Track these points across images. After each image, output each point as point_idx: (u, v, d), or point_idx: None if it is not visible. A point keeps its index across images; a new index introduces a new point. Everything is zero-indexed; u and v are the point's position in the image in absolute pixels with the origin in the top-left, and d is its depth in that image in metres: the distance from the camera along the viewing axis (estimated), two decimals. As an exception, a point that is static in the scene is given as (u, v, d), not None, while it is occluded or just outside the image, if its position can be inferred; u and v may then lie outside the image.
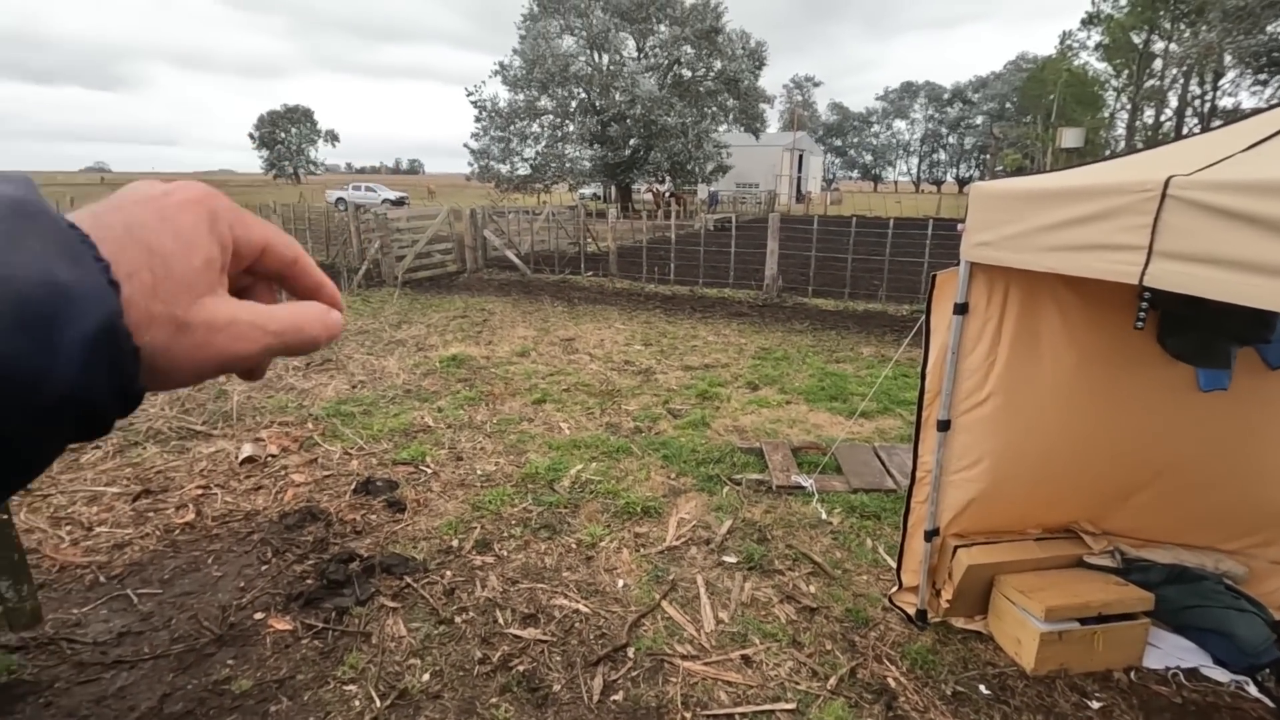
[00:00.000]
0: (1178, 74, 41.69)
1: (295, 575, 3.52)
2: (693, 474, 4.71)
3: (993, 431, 2.99)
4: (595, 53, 33.47)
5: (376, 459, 4.92)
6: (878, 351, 8.21)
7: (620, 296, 11.90)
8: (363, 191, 38.87)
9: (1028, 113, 54.77)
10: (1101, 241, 2.07)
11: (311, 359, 7.39)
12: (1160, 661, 2.95)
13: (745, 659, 2.96)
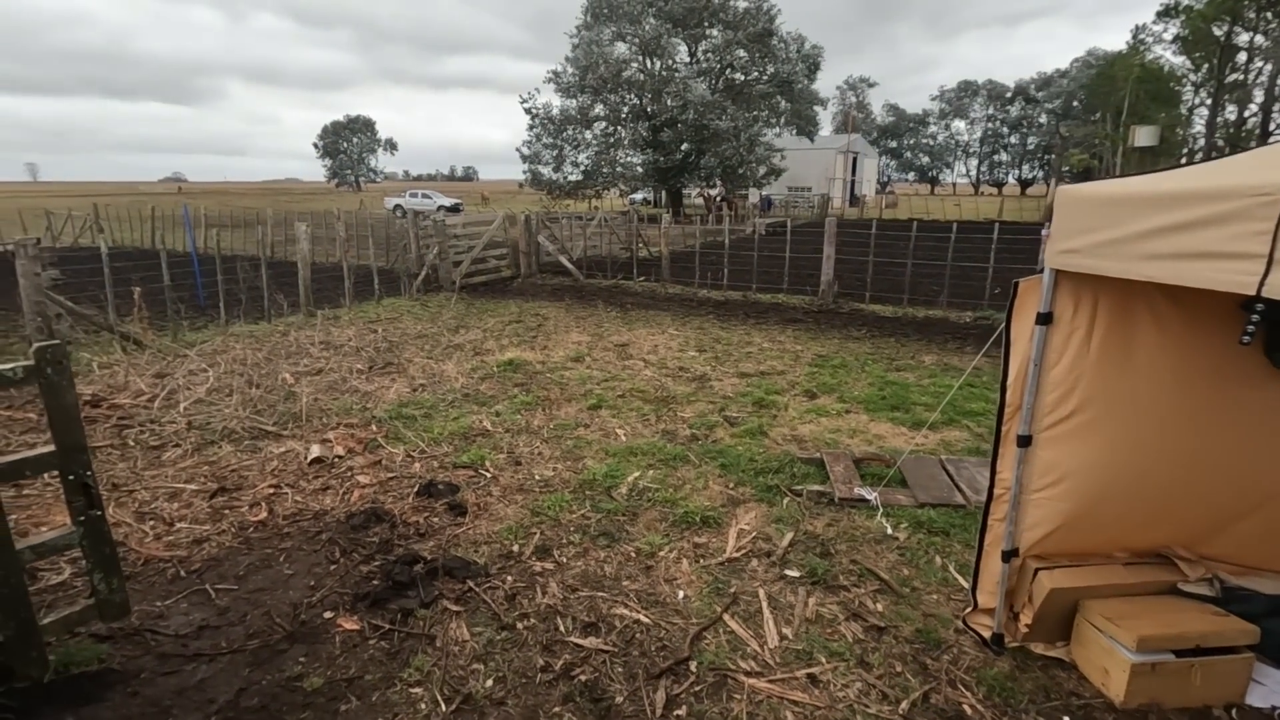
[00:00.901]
0: (1264, 67, 39.25)
1: (362, 575, 3.59)
2: (751, 484, 4.63)
3: (1078, 449, 2.83)
4: (647, 59, 33.60)
5: (438, 462, 5.01)
6: (940, 360, 7.95)
7: (673, 301, 11.87)
8: (419, 198, 39.96)
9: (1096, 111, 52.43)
10: (1211, 249, 1.94)
11: (374, 362, 7.60)
12: (1266, 700, 2.73)
13: (811, 678, 2.87)
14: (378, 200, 42.17)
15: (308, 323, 9.58)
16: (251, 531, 4.04)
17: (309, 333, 8.89)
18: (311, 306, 10.23)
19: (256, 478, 4.71)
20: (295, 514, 4.24)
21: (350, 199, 47.84)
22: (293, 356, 7.77)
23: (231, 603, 3.37)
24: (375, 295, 11.46)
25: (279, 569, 3.67)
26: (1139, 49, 48.04)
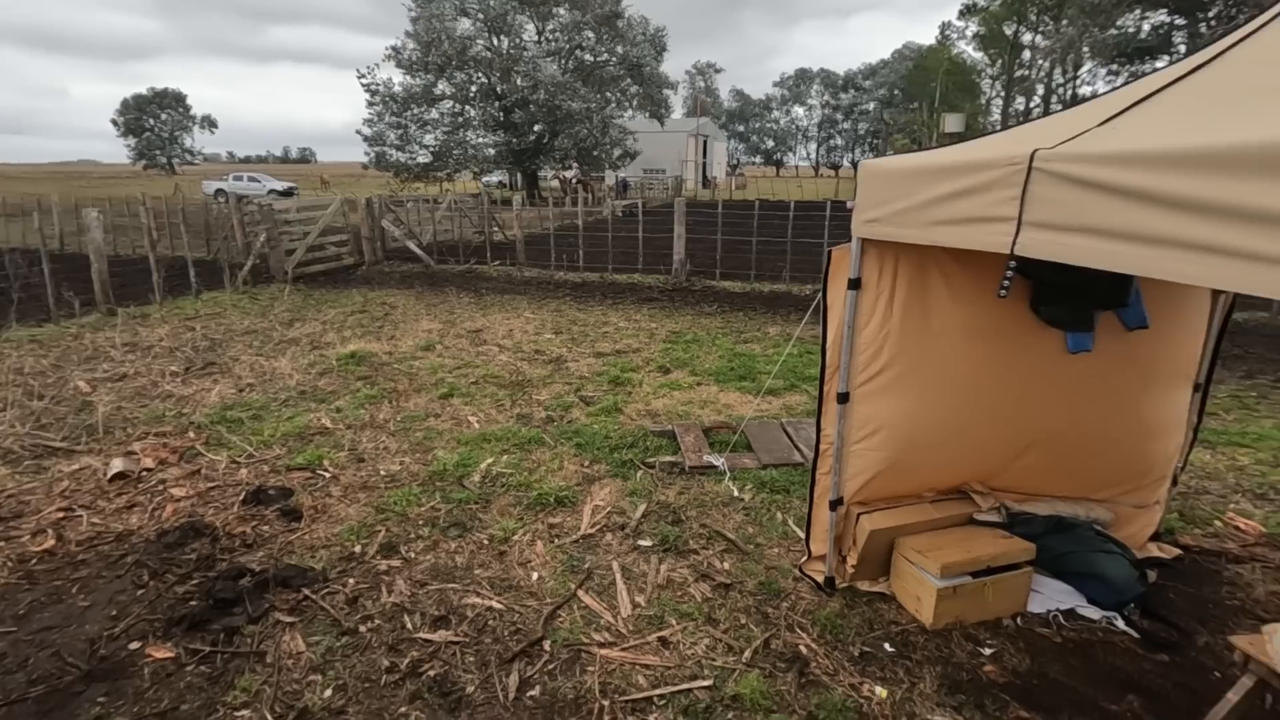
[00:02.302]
0: (1043, 64, 45.12)
1: (177, 597, 3.23)
2: (606, 460, 4.67)
3: (889, 402, 3.11)
4: (494, 36, 32.55)
5: (268, 466, 4.60)
6: (784, 331, 8.45)
7: (529, 285, 11.69)
8: (245, 182, 36.26)
9: (914, 99, 57.86)
10: (979, 214, 2.17)
11: (192, 363, 6.83)
12: (1042, 606, 3.18)
13: (662, 640, 2.96)
14: (197, 184, 37.76)
15: (107, 323, 8.42)
16: (35, 564, 3.49)
17: (109, 334, 7.82)
18: (111, 304, 8.99)
19: (42, 501, 4.08)
20: (92, 538, 3.72)
21: (163, 183, 42.43)
22: (89, 361, 6.80)
23: (9, 647, 2.90)
24: (193, 289, 10.28)
25: (71, 602, 3.20)
26: (946, 44, 53.46)
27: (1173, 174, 1.56)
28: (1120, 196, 1.69)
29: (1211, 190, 1.50)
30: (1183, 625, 3.05)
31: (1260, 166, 1.41)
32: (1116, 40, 34.05)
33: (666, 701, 2.61)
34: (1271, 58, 1.88)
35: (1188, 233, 1.56)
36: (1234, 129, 1.54)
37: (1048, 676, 2.76)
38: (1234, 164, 1.46)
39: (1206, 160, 1.51)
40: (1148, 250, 1.63)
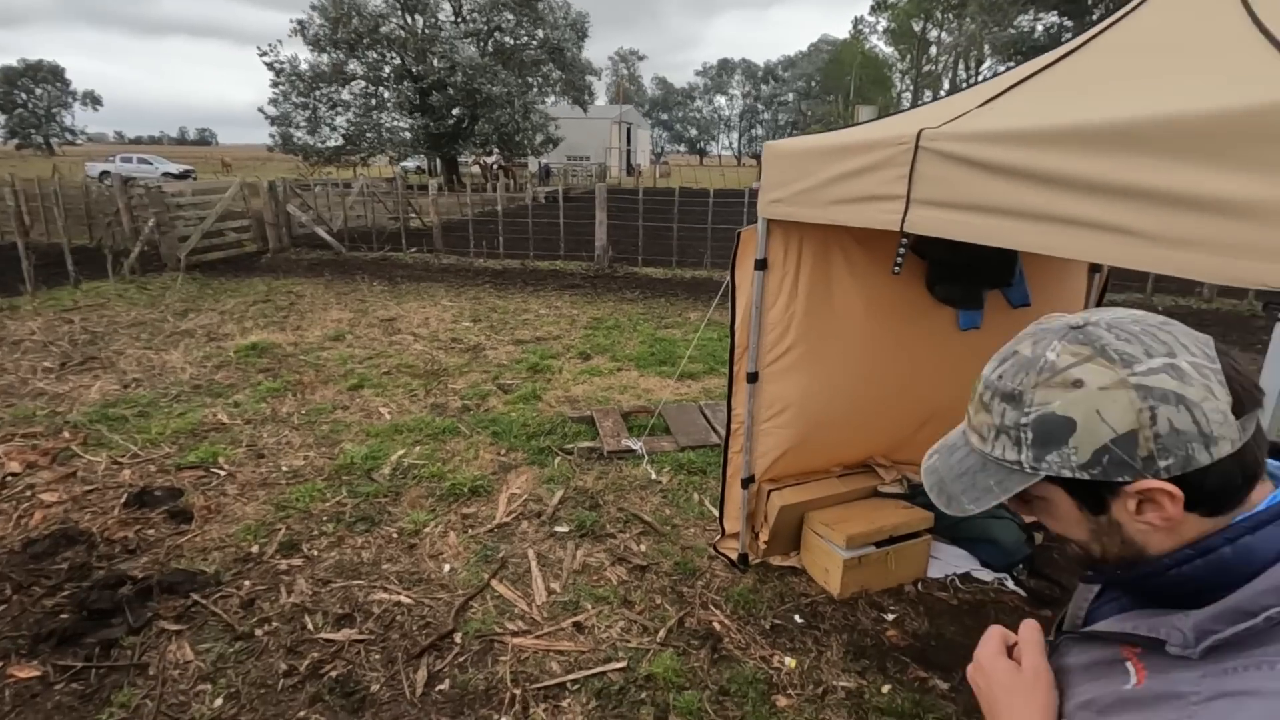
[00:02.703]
0: (948, 60, 47.38)
1: (45, 611, 2.95)
2: (524, 448, 4.59)
3: (796, 380, 3.17)
4: (408, 14, 31.25)
5: (155, 466, 4.28)
6: (704, 316, 8.54)
7: (447, 273, 11.35)
8: (134, 164, 33.60)
9: (830, 92, 59.63)
10: (872, 193, 2.22)
11: (69, 358, 6.27)
12: (940, 571, 3.34)
13: (577, 626, 2.93)
14: (79, 166, 34.64)
15: (-31, 316, 7.62)
16: (-127, 583, 3.12)
17: (-30, 328, 7.07)
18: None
19: (-118, 514, 3.65)
20: (-56, 552, 3.35)
21: (40, 164, 38.66)
22: (-56, 358, 6.13)
23: None
24: (71, 279, 9.44)
25: (-83, 623, 2.88)
26: (860, 39, 55.29)
27: (1042, 151, 1.64)
28: (996, 173, 1.76)
29: (1077, 166, 1.57)
30: (1064, 582, 3.27)
31: (1119, 143, 1.49)
32: (1014, 39, 36.11)
33: (580, 686, 2.59)
34: (1133, 44, 2.00)
35: (1057, 207, 1.64)
36: (1096, 109, 1.63)
37: (944, 637, 2.91)
38: (1096, 141, 1.54)
39: (1072, 137, 1.58)
40: (1022, 224, 1.71)
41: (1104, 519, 0.68)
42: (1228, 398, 0.60)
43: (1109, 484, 0.64)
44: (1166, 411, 0.60)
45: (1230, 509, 0.64)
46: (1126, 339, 0.64)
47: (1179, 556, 0.65)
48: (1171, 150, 1.41)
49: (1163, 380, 0.61)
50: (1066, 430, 0.64)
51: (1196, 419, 0.60)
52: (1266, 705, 0.54)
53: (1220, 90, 1.49)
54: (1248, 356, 7.01)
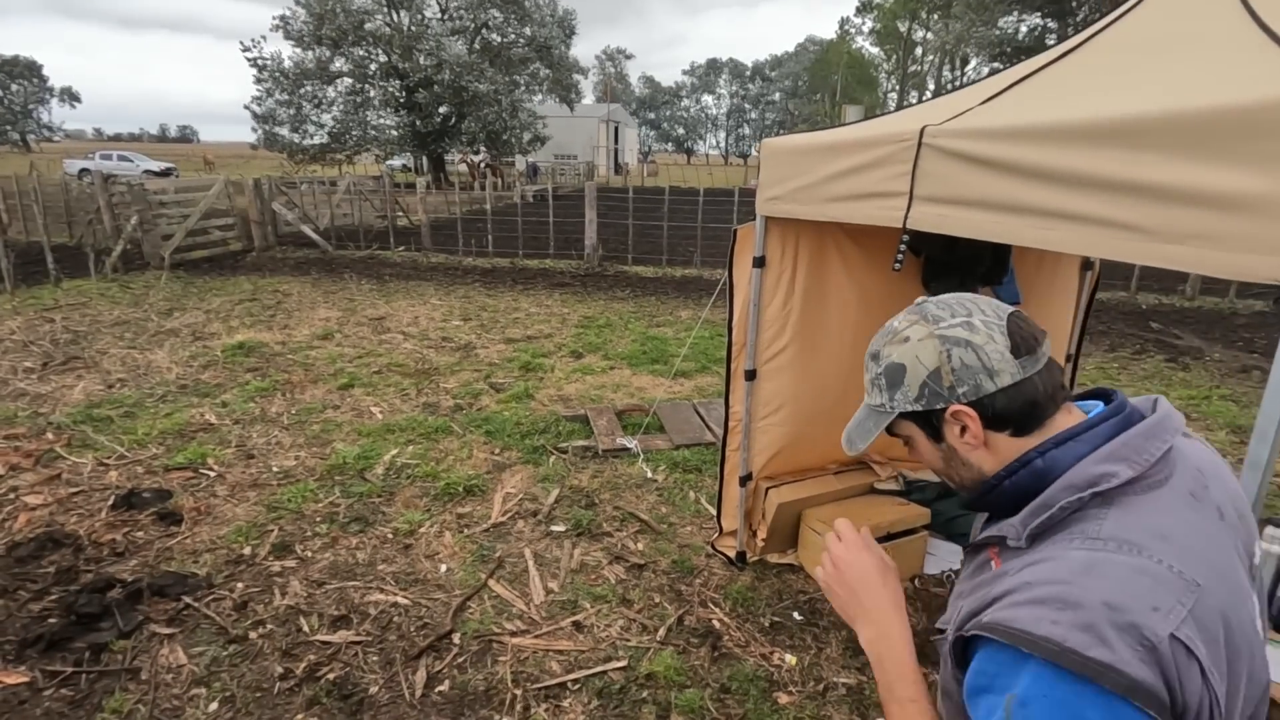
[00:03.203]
0: (934, 60, 47.74)
1: (32, 616, 2.89)
2: (518, 447, 4.57)
3: (793, 377, 3.18)
4: (394, 10, 30.99)
5: (143, 467, 4.21)
6: (695, 314, 8.54)
7: (436, 271, 11.28)
8: (114, 161, 33.08)
9: (817, 91, 59.88)
10: (873, 190, 2.23)
11: (51, 357, 6.16)
12: (936, 567, 3.36)
13: (576, 625, 2.92)
14: (58, 163, 34.08)
15: (-54, 315, 7.46)
16: None
17: (-52, 327, 6.93)
18: (-48, 294, 7.98)
19: None
20: (-74, 556, 3.28)
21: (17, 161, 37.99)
22: (-78, 359, 6.00)
23: None
24: (52, 277, 9.28)
25: (-101, 629, 2.81)
26: (846, 39, 55.56)
27: (1045, 147, 1.64)
28: (1000, 169, 1.76)
29: (1080, 162, 1.58)
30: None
31: (1122, 139, 1.50)
32: (999, 39, 36.44)
33: (581, 685, 2.58)
34: (1132, 41, 2.02)
35: (1060, 203, 1.65)
36: (1098, 105, 1.63)
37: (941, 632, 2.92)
38: (1099, 137, 1.54)
39: (1075, 134, 1.59)
40: (1025, 220, 1.72)
41: (944, 445, 0.89)
42: (1007, 343, 0.82)
43: (935, 412, 0.86)
44: (959, 352, 0.83)
45: (1034, 430, 0.84)
46: (941, 306, 0.88)
47: (1007, 470, 0.85)
48: (1174, 146, 1.41)
49: (957, 331, 0.83)
50: (901, 373, 0.88)
51: (980, 357, 0.82)
52: (1052, 564, 0.73)
53: (1221, 86, 1.50)
54: (1230, 353, 7.13)
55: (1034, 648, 0.68)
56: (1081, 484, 0.77)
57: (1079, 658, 0.65)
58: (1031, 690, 0.68)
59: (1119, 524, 0.74)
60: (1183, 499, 0.77)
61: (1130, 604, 0.67)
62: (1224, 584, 0.72)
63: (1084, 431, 0.81)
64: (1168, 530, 0.73)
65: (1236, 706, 0.72)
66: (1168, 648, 0.65)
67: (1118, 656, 0.65)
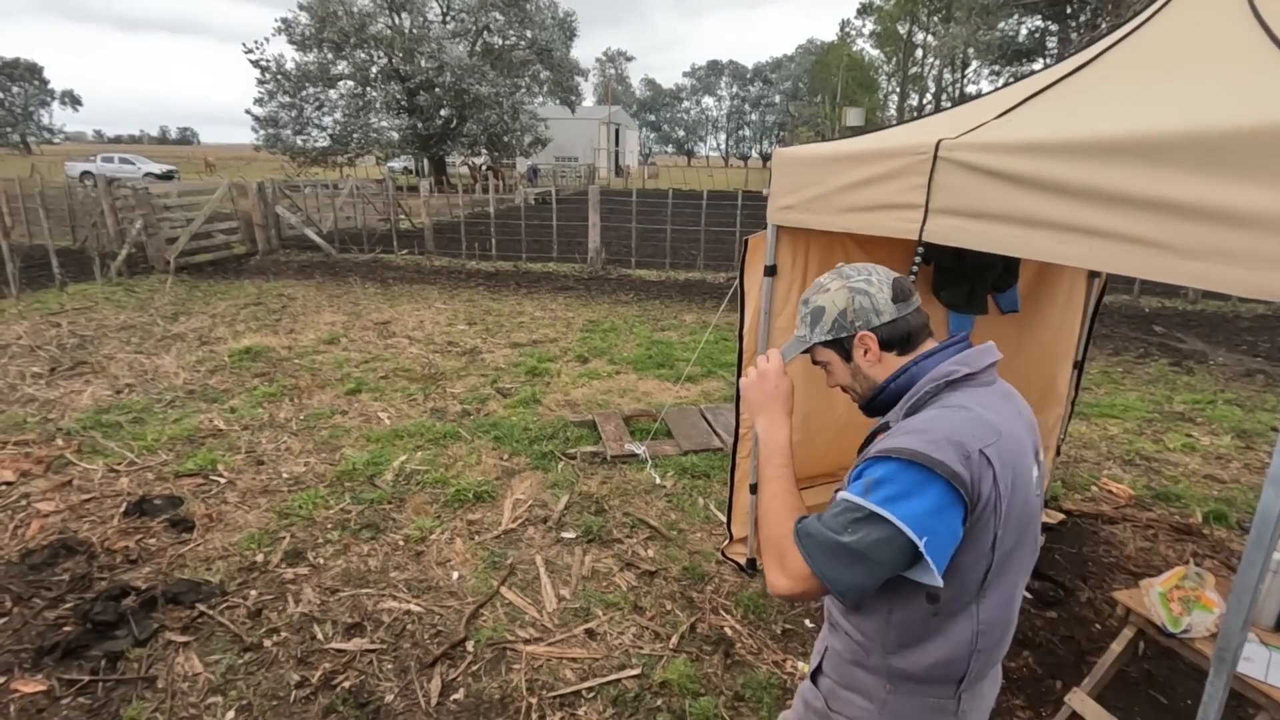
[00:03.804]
0: (934, 63, 47.79)
1: (47, 624, 2.91)
2: (526, 453, 4.58)
3: (803, 385, 3.18)
4: (395, 14, 31.04)
5: (153, 473, 4.22)
6: (699, 318, 8.56)
7: (439, 275, 11.30)
8: (116, 163, 33.13)
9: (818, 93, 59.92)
10: (888, 201, 2.24)
11: (59, 363, 6.18)
12: (947, 573, 3.37)
13: (589, 633, 2.93)
14: (59, 166, 34.12)
15: (-47, 320, 7.48)
16: None
17: (-45, 332, 6.95)
18: (-42, 299, 7.99)
19: (-126, 525, 3.58)
20: (-60, 563, 3.29)
21: (18, 164, 38.08)
22: (-70, 364, 6.02)
23: None
24: (57, 281, 9.29)
25: (-84, 637, 2.83)
26: (846, 40, 55.60)
27: (1065, 162, 1.66)
28: (1018, 184, 1.78)
29: (1102, 178, 1.59)
30: (1067, 584, 3.31)
31: (1146, 156, 1.51)
32: (999, 42, 36.49)
33: (595, 694, 2.59)
34: (1147, 56, 2.04)
35: (1080, 219, 1.66)
36: (1119, 121, 1.65)
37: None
38: (1121, 153, 1.56)
39: (1096, 150, 1.60)
40: (1044, 235, 1.73)
41: (852, 364, 1.25)
42: (889, 293, 1.21)
43: (846, 338, 1.23)
44: (859, 298, 1.21)
45: (909, 351, 1.22)
46: (852, 269, 1.26)
47: (892, 376, 1.21)
48: (1196, 163, 1.42)
49: (858, 284, 1.23)
50: (821, 314, 1.25)
51: (872, 302, 1.21)
52: (916, 418, 1.11)
53: (1240, 103, 1.52)
54: (1234, 357, 7.14)
55: (896, 453, 1.03)
56: (939, 376, 1.14)
57: (925, 456, 1.01)
58: (888, 473, 1.03)
59: (958, 398, 1.12)
60: (1000, 394, 1.18)
61: (959, 433, 1.04)
62: (1016, 445, 1.09)
63: (941, 350, 1.21)
64: (987, 404, 1.11)
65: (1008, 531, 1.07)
66: (977, 458, 1.02)
67: (947, 456, 1.01)
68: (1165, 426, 5.29)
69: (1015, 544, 1.09)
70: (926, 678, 1.12)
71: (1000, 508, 1.03)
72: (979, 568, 1.06)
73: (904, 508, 1.00)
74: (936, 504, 1.00)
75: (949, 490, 1.00)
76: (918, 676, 1.12)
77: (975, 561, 1.05)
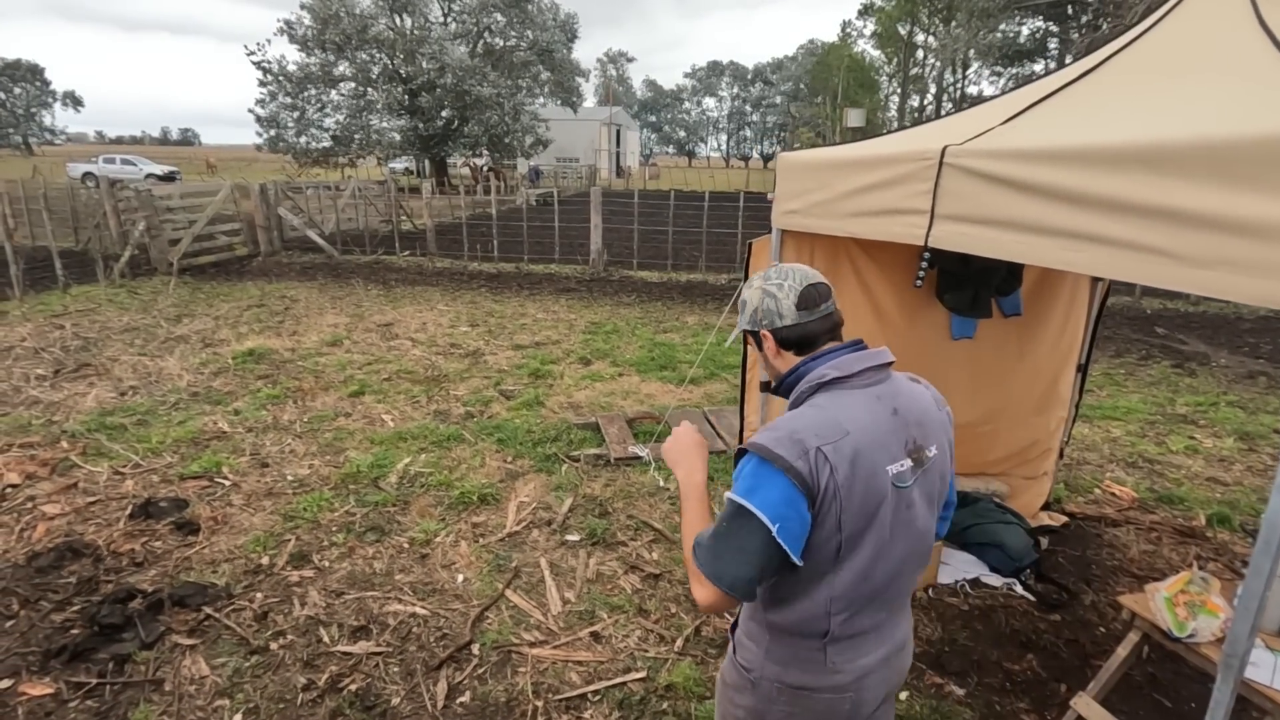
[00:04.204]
0: (935, 64, 47.78)
1: (55, 627, 2.92)
2: (530, 455, 4.59)
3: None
4: (397, 15, 31.07)
5: (158, 476, 4.23)
6: (701, 320, 8.57)
7: (441, 276, 11.31)
8: (118, 164, 33.16)
9: (818, 94, 59.90)
10: (894, 207, 2.25)
11: (62, 365, 6.19)
12: (950, 577, 3.38)
13: (594, 635, 2.94)
14: (60, 167, 34.18)
15: (-43, 322, 7.49)
16: (-125, 599, 3.07)
17: (-41, 334, 6.96)
18: (-38, 301, 8.01)
19: (-120, 528, 3.59)
20: (-53, 566, 3.30)
21: (19, 165, 38.15)
22: (-66, 366, 6.03)
23: None
24: (60, 283, 9.31)
25: (-76, 640, 2.84)
26: (847, 41, 55.59)
27: (1071, 169, 1.67)
28: (1024, 191, 1.78)
29: (1108, 185, 1.60)
30: (1071, 587, 3.31)
31: (1153, 164, 1.52)
32: (1000, 43, 36.49)
33: (601, 697, 2.60)
34: (1149, 65, 2.04)
35: (1087, 226, 1.67)
36: (1125, 128, 1.66)
37: (957, 643, 2.94)
38: (1127, 161, 1.57)
39: (1102, 157, 1.61)
40: (1050, 242, 1.74)
41: (764, 354, 1.42)
42: (795, 300, 1.34)
43: (755, 333, 1.40)
44: (767, 300, 1.36)
45: (808, 352, 1.36)
46: (776, 272, 1.40)
47: (789, 371, 1.37)
48: (1205, 172, 1.43)
49: (770, 287, 1.37)
50: (746, 306, 1.43)
51: (777, 305, 1.35)
52: (784, 417, 1.28)
53: (1247, 111, 1.52)
54: (1236, 359, 7.15)
55: (753, 448, 1.23)
56: (814, 379, 1.31)
57: (769, 451, 1.19)
58: (747, 467, 1.23)
59: (821, 399, 1.29)
60: (867, 396, 1.28)
61: (802, 431, 1.21)
62: (867, 440, 1.22)
63: (829, 353, 1.34)
64: (846, 405, 1.26)
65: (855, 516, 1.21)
66: (814, 454, 1.18)
67: (786, 451, 1.18)
68: (1168, 429, 5.30)
69: (866, 526, 1.23)
70: (794, 631, 1.33)
71: (842, 494, 1.19)
72: (830, 545, 1.22)
73: (759, 497, 1.18)
74: (784, 494, 1.17)
75: (790, 482, 1.17)
76: (787, 629, 1.33)
77: (826, 540, 1.22)
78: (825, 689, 1.35)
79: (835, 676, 1.34)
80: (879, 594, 1.31)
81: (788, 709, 1.37)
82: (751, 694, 1.40)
